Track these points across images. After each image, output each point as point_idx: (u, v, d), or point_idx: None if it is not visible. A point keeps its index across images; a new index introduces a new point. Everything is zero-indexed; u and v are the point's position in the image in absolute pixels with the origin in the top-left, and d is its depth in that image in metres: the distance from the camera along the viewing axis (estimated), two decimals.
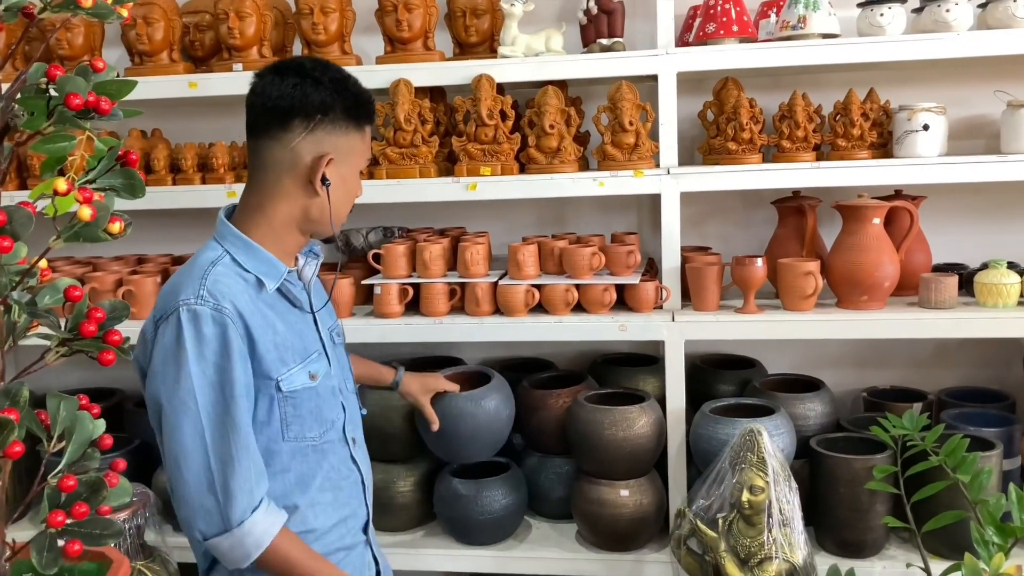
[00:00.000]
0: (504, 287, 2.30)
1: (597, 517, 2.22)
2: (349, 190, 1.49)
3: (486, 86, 2.32)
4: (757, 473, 1.90)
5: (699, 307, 2.29)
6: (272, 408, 1.42)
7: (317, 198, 1.44)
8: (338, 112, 1.42)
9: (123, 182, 1.00)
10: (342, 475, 1.54)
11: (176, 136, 2.74)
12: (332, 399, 1.52)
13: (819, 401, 2.30)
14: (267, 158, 1.43)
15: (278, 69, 1.42)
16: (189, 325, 1.33)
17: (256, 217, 1.45)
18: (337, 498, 1.53)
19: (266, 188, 1.44)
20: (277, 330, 1.42)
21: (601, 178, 2.27)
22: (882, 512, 2.11)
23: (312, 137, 1.41)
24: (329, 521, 1.51)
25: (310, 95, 1.39)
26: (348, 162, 1.46)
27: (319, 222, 1.47)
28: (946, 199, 2.48)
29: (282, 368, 1.42)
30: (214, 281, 1.37)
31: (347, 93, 1.43)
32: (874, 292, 2.19)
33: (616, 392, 2.35)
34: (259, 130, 1.43)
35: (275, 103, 1.40)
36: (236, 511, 1.34)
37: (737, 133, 2.29)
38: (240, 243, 1.43)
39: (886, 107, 2.33)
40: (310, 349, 1.49)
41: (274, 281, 1.44)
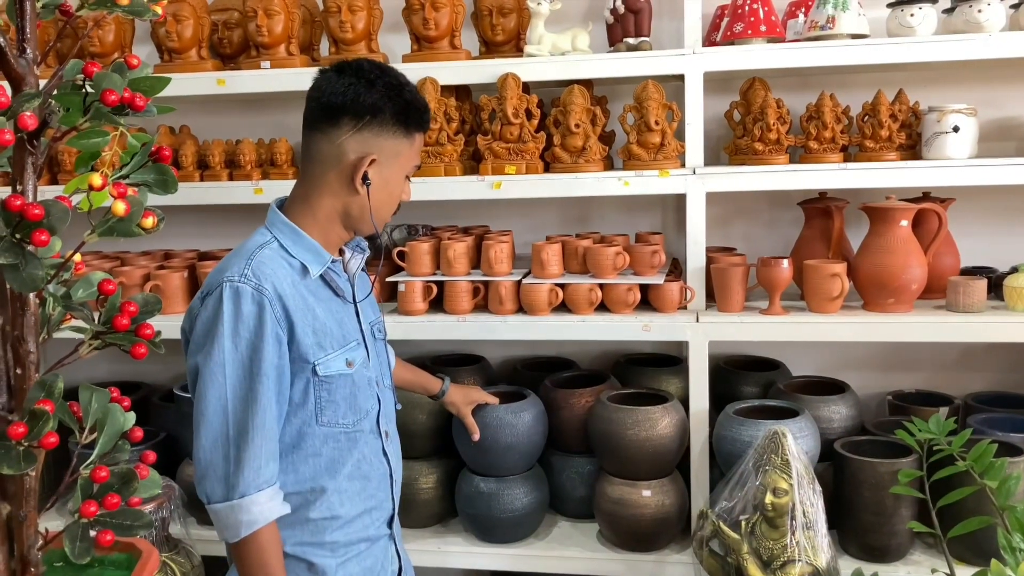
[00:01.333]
0: (528, 286, 2.30)
1: (619, 517, 2.22)
2: (391, 192, 1.52)
3: (512, 85, 2.32)
4: (781, 475, 1.89)
5: (724, 308, 2.28)
6: (308, 391, 1.47)
7: (358, 196, 1.48)
8: (387, 115, 1.45)
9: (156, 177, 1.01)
10: (372, 466, 1.57)
11: (204, 133, 2.76)
12: (368, 389, 1.55)
13: (844, 404, 2.29)
14: (315, 152, 1.48)
15: (339, 68, 1.47)
16: (229, 301, 1.40)
17: (303, 208, 1.50)
18: (365, 488, 1.55)
19: (313, 181, 1.49)
20: (317, 315, 1.47)
21: (626, 177, 2.26)
22: (907, 517, 2.09)
23: (359, 136, 1.45)
24: (355, 510, 1.54)
25: (362, 95, 1.43)
26: (393, 165, 1.49)
27: (360, 220, 1.52)
28: (975, 201, 2.45)
29: (319, 353, 1.46)
30: (260, 263, 1.43)
31: (399, 99, 1.46)
32: (901, 295, 2.17)
33: (639, 392, 2.35)
34: (312, 124, 1.48)
35: (328, 99, 1.45)
36: (241, 482, 1.39)
37: (764, 133, 2.28)
38: (287, 230, 1.48)
39: (915, 108, 2.31)
40: (349, 338, 1.53)
41: (318, 267, 1.49)
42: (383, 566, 1.62)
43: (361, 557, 1.56)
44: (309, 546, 1.51)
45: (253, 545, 1.41)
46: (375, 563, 1.59)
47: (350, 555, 1.55)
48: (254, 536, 1.40)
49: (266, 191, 2.46)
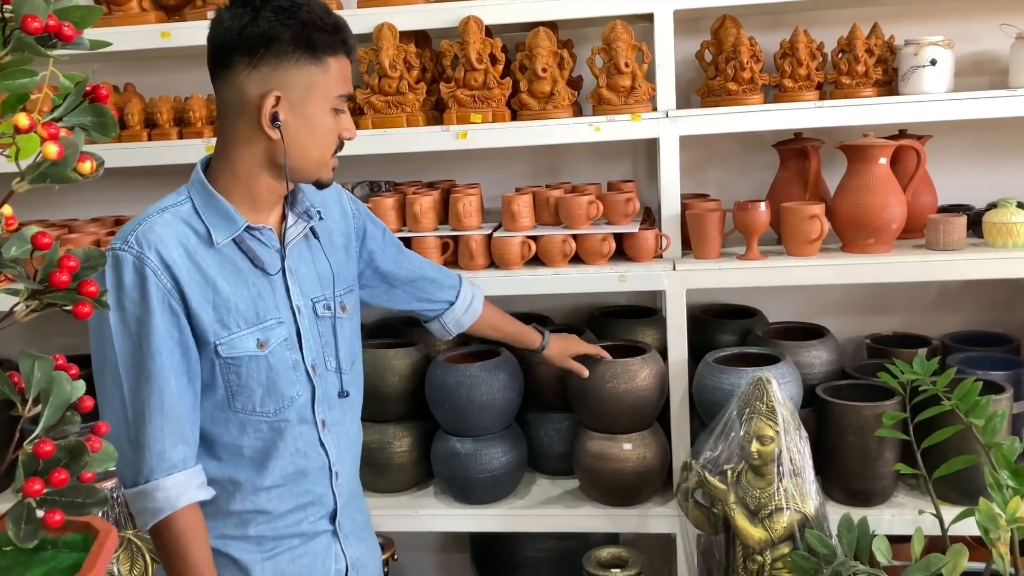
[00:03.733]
0: (499, 239, 2.22)
1: (600, 472, 2.17)
2: (315, 131, 1.35)
3: (474, 28, 2.21)
4: (767, 423, 1.84)
5: (700, 255, 2.22)
6: (215, 373, 1.35)
7: (275, 141, 1.32)
8: (285, 43, 1.28)
9: (93, 120, 0.90)
10: (308, 459, 1.44)
11: (150, 90, 2.61)
12: (291, 374, 1.41)
13: (824, 348, 2.25)
14: (221, 102, 1.35)
15: (226, 6, 1.32)
16: (111, 271, 1.29)
17: (222, 164, 1.37)
18: (299, 483, 1.44)
19: (226, 133, 1.36)
20: (218, 289, 1.33)
21: (597, 123, 2.18)
22: (891, 459, 2.07)
23: (257, 73, 1.30)
24: (285, 506, 1.43)
25: (249, 27, 1.28)
26: (308, 99, 1.32)
27: (290, 168, 1.35)
28: (951, 138, 2.41)
29: (222, 331, 1.34)
30: (148, 228, 1.31)
31: (293, 21, 1.28)
32: (881, 235, 2.13)
33: (616, 344, 2.29)
34: (211, 71, 1.35)
35: (217, 39, 1.32)
36: (145, 467, 1.30)
37: (737, 73, 2.20)
38: (201, 190, 1.36)
39: (890, 43, 2.25)
40: (265, 315, 1.38)
41: (225, 234, 1.34)
42: (324, 565, 1.49)
43: (294, 553, 1.46)
44: (232, 539, 1.42)
45: (166, 533, 1.31)
46: (313, 561, 1.48)
47: (279, 550, 1.45)
48: (165, 524, 1.31)
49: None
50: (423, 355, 2.32)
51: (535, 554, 2.44)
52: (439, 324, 1.85)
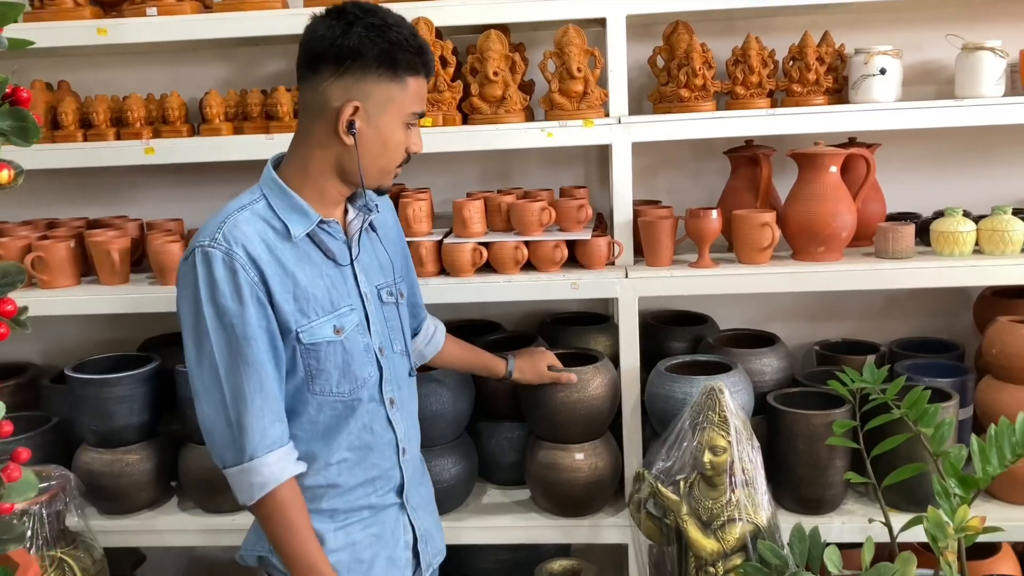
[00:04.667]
0: (449, 246, 2.17)
1: (551, 482, 2.14)
2: (386, 142, 1.46)
3: (424, 30, 2.16)
4: (719, 433, 1.83)
5: (652, 262, 2.20)
6: (296, 358, 1.45)
7: (348, 146, 1.43)
8: (370, 59, 1.39)
9: (13, 124, 0.84)
10: (375, 435, 1.54)
11: (86, 89, 2.52)
12: (364, 356, 1.51)
13: (775, 356, 2.25)
14: (303, 103, 1.46)
15: (328, 12, 1.42)
16: (202, 267, 1.38)
17: (296, 163, 1.47)
18: (366, 458, 1.53)
19: (304, 134, 1.47)
20: (298, 281, 1.43)
21: (549, 128, 2.15)
22: (841, 467, 2.07)
23: (341, 83, 1.40)
24: (354, 479, 1.53)
25: (339, 39, 1.38)
26: (384, 112, 1.43)
27: (355, 172, 1.46)
28: (899, 146, 2.43)
29: (302, 319, 1.43)
30: (233, 225, 1.40)
31: (382, 40, 1.39)
32: (832, 243, 2.13)
33: (568, 352, 2.26)
34: (299, 74, 1.45)
35: (309, 45, 1.42)
36: (248, 446, 1.39)
37: (690, 79, 2.19)
38: (276, 188, 1.45)
39: (841, 51, 2.26)
40: (339, 303, 1.48)
41: (302, 228, 1.44)
42: (393, 534, 1.60)
43: (365, 523, 1.56)
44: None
45: (272, 505, 1.42)
46: (383, 530, 1.58)
47: (351, 521, 1.54)
48: (271, 496, 1.41)
49: (158, 150, 2.25)
50: None
51: (486, 566, 2.40)
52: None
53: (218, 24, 2.24)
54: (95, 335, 2.57)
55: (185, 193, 2.66)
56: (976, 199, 2.39)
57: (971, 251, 2.13)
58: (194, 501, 2.30)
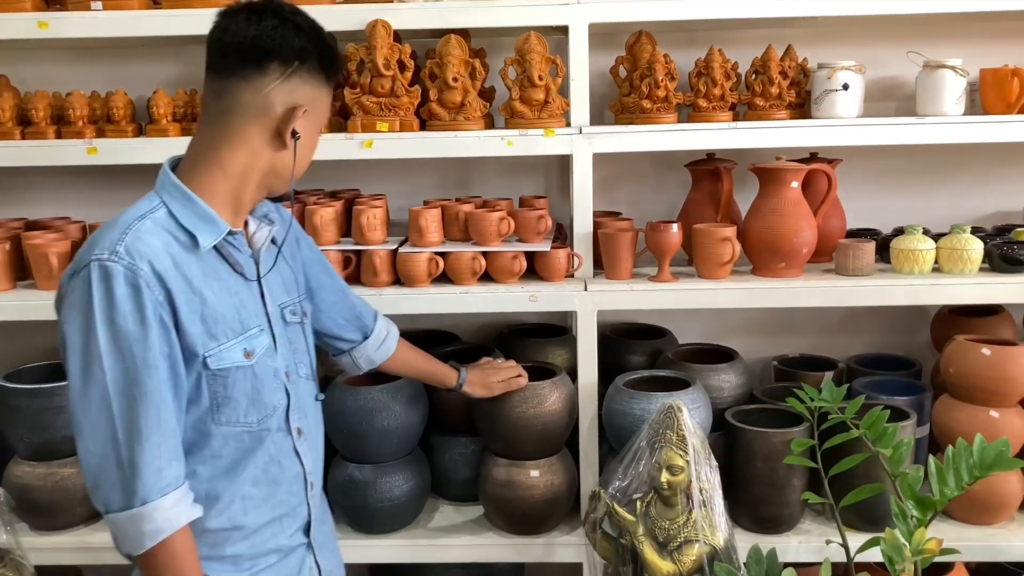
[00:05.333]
0: (405, 255, 2.11)
1: (506, 499, 2.09)
2: (311, 149, 1.41)
3: (382, 33, 2.10)
4: (677, 452, 1.79)
5: (612, 275, 2.16)
6: (200, 386, 1.31)
7: (282, 151, 1.34)
8: (314, 62, 1.34)
9: None
10: (282, 468, 1.42)
11: (26, 84, 2.41)
12: (273, 382, 1.39)
13: (733, 372, 2.22)
14: (233, 101, 1.31)
15: (253, 9, 1.32)
16: (100, 284, 1.22)
17: (208, 166, 1.33)
18: (273, 494, 1.41)
19: (226, 134, 1.32)
20: (206, 299, 1.30)
21: (509, 137, 2.10)
22: (799, 486, 2.05)
23: (288, 85, 1.32)
24: (260, 519, 1.39)
25: (290, 39, 1.31)
26: (315, 118, 1.39)
27: (279, 178, 1.37)
28: (859, 162, 2.42)
29: (210, 343, 1.30)
30: (135, 237, 1.25)
31: (324, 44, 1.36)
32: (792, 259, 2.11)
33: (525, 366, 2.20)
34: (227, 70, 1.31)
35: (252, 42, 1.29)
36: (141, 488, 1.23)
37: (652, 90, 2.15)
38: (179, 194, 1.31)
39: (804, 65, 2.24)
40: (249, 324, 1.36)
41: (210, 238, 1.31)
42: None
43: (272, 571, 1.42)
44: (207, 560, 1.35)
45: (165, 555, 1.26)
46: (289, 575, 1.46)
47: (257, 568, 1.41)
48: (163, 545, 1.25)
49: (101, 150, 2.16)
50: (321, 376, 2.19)
51: None
52: (350, 359, 1.78)
53: (166, 21, 2.16)
54: (30, 342, 2.46)
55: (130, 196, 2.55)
56: (936, 217, 2.40)
57: (930, 269, 2.12)
58: None
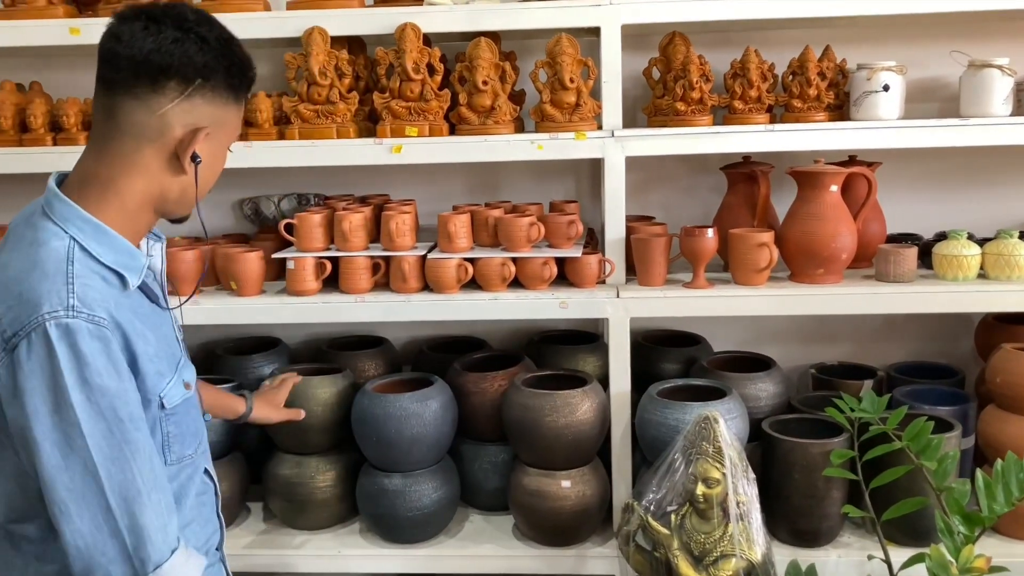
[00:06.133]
0: (433, 261, 2.08)
1: (536, 510, 2.05)
2: (216, 170, 1.27)
3: (411, 36, 2.08)
4: (713, 464, 1.74)
5: (645, 282, 2.12)
6: (155, 430, 1.22)
7: (181, 176, 1.21)
8: (220, 79, 1.19)
9: None
10: (206, 490, 1.39)
11: (58, 91, 2.42)
12: (198, 408, 1.37)
13: (771, 381, 2.16)
14: (126, 122, 1.17)
15: (152, 16, 1.16)
16: (62, 344, 1.08)
17: (105, 194, 1.18)
18: (202, 515, 1.37)
19: (120, 158, 1.18)
20: (148, 338, 1.20)
21: (540, 140, 2.06)
22: (838, 499, 1.99)
23: (187, 104, 1.17)
24: (199, 541, 1.35)
25: (193, 55, 1.15)
26: (220, 138, 1.24)
27: (179, 203, 1.24)
28: (900, 165, 2.35)
29: (161, 382, 1.22)
30: (83, 285, 1.12)
31: (233, 57, 1.20)
32: (831, 265, 2.05)
33: (556, 374, 2.17)
34: (119, 86, 1.16)
35: (147, 57, 1.14)
36: (153, 553, 1.13)
37: (686, 92, 2.11)
38: (90, 228, 1.16)
39: (842, 66, 2.18)
40: (177, 354, 1.30)
41: (136, 276, 1.21)
42: None
43: None
44: None
45: None
46: None
47: None
48: None
49: None
50: (350, 383, 2.17)
51: None
52: None
53: None
54: None
55: None
56: (980, 221, 2.32)
57: (975, 275, 2.05)
58: None
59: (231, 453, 2.21)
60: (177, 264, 2.12)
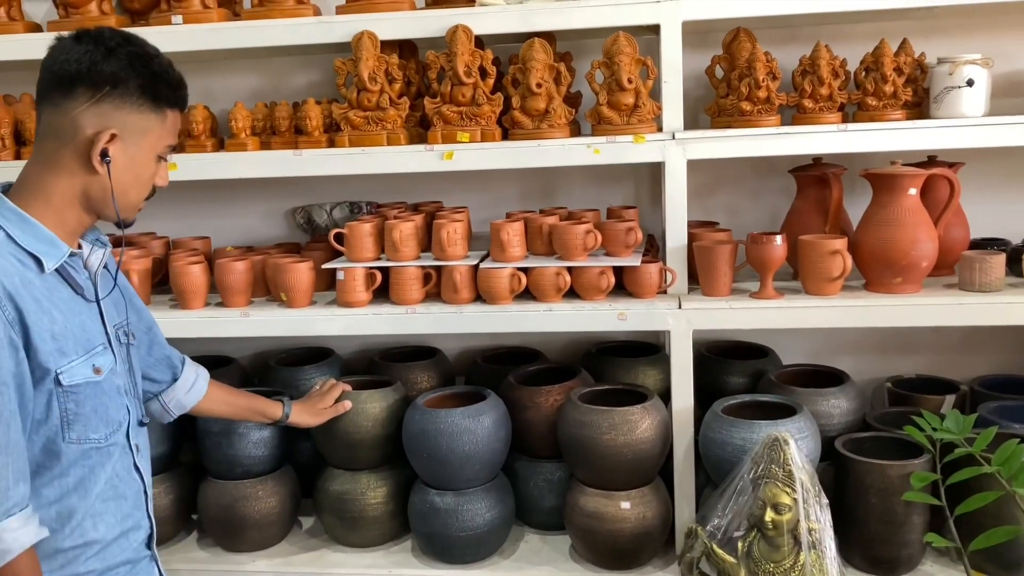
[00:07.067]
0: (486, 271, 2.01)
1: (594, 532, 1.95)
2: (139, 175, 1.38)
3: (463, 39, 2.01)
4: (783, 489, 1.63)
5: (709, 292, 2.01)
6: (51, 404, 1.32)
7: (97, 176, 1.34)
8: (131, 87, 1.32)
9: None
10: (126, 483, 1.44)
11: None
12: (118, 399, 1.42)
13: (844, 396, 2.04)
14: (47, 126, 1.34)
15: (77, 35, 1.34)
16: None
17: (34, 191, 1.34)
18: (120, 508, 1.43)
19: (46, 159, 1.34)
20: (54, 318, 1.31)
21: (596, 144, 1.98)
22: (919, 525, 1.86)
23: (97, 109, 1.31)
24: (111, 533, 1.41)
25: (100, 64, 1.31)
26: (140, 143, 1.36)
27: (103, 203, 1.36)
28: (984, 165, 2.20)
29: (61, 359, 1.31)
30: None
31: (146, 70, 1.34)
32: (910, 273, 1.92)
33: (614, 388, 2.08)
34: (43, 95, 1.34)
35: (61, 67, 1.31)
36: None
37: (752, 91, 2.00)
38: (15, 217, 1.32)
39: (920, 61, 2.04)
40: (94, 341, 1.38)
41: (53, 260, 1.33)
42: None
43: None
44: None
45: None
46: None
47: None
48: (8, 567, 1.26)
49: (181, 166, 2.13)
50: (401, 396, 2.11)
51: None
52: (159, 404, 1.74)
53: (246, 33, 2.13)
54: None
55: (211, 211, 2.55)
56: None
57: None
58: (215, 539, 2.17)
59: (282, 466, 2.17)
60: (227, 275, 2.10)
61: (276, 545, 2.16)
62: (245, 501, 2.09)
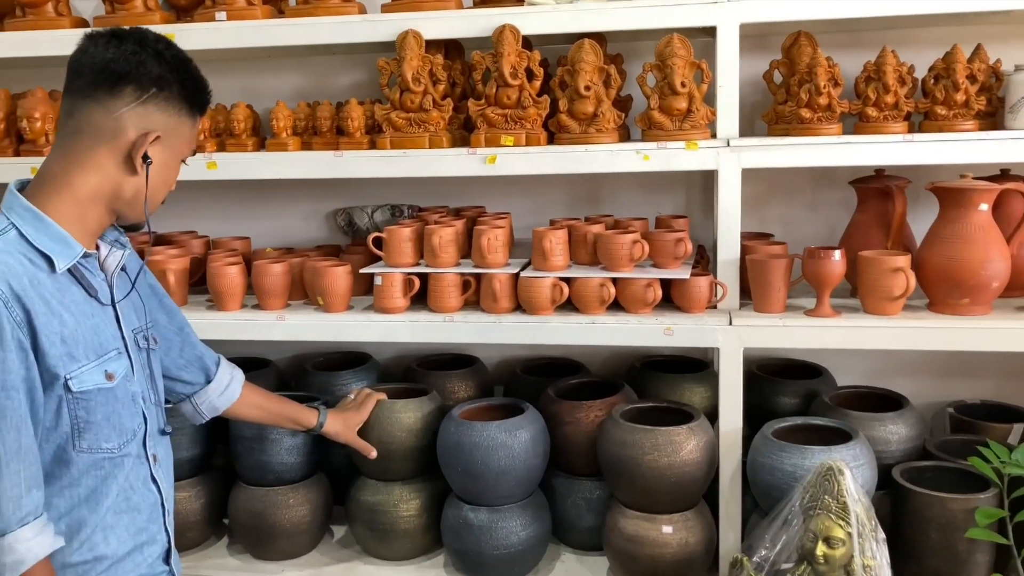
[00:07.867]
0: (527, 280, 1.94)
1: (634, 556, 1.87)
2: (167, 178, 1.38)
3: (510, 39, 1.94)
4: (836, 522, 1.53)
5: (761, 308, 1.92)
6: (60, 411, 1.28)
7: (133, 177, 1.32)
8: (175, 91, 1.32)
9: None
10: (141, 495, 1.39)
11: None
12: (132, 406, 1.37)
13: (903, 423, 1.93)
14: (85, 123, 1.30)
15: (116, 34, 1.32)
16: None
17: (57, 187, 1.31)
18: (134, 521, 1.38)
19: (76, 156, 1.31)
20: (65, 321, 1.27)
21: (646, 150, 1.89)
22: (984, 564, 1.74)
23: (142, 110, 1.30)
24: (123, 548, 1.36)
25: (149, 65, 1.30)
26: (172, 147, 1.36)
27: (131, 204, 1.34)
28: None
29: (71, 364, 1.27)
30: None
31: (188, 75, 1.34)
32: (979, 294, 1.80)
33: (658, 406, 1.99)
34: (81, 91, 1.30)
35: (107, 64, 1.28)
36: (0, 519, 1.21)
37: (812, 98, 1.90)
38: (29, 215, 1.29)
39: (996, 68, 1.93)
40: (107, 346, 1.34)
41: (65, 260, 1.29)
42: None
43: None
44: None
45: None
46: None
47: None
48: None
49: (220, 165, 2.09)
50: (436, 406, 2.05)
51: None
52: (191, 405, 1.71)
53: (290, 31, 2.10)
54: None
55: (250, 211, 2.52)
56: None
57: None
58: (244, 545, 2.13)
59: (315, 474, 2.13)
60: (263, 277, 2.06)
61: (306, 555, 2.11)
62: (276, 508, 2.04)
